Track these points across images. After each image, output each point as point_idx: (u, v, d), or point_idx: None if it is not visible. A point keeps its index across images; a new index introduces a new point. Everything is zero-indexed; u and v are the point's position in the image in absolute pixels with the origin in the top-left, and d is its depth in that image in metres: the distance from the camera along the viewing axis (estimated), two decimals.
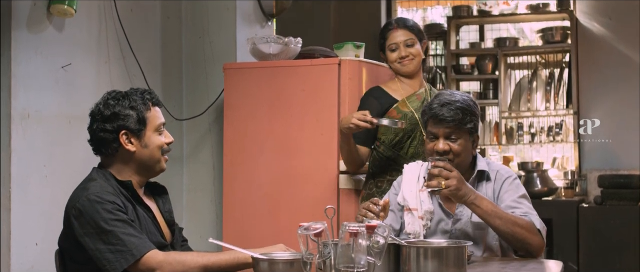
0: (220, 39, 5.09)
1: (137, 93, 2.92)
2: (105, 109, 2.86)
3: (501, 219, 3.02)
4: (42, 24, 4.01)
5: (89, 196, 2.72)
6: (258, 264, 2.54)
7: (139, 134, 2.87)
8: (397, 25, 4.10)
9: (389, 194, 3.40)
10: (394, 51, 4.08)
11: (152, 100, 2.93)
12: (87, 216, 2.69)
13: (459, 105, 3.15)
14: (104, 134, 2.86)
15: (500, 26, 7.71)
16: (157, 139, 2.91)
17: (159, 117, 2.95)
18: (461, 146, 3.17)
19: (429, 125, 3.22)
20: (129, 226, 2.70)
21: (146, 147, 2.89)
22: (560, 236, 6.30)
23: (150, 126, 2.89)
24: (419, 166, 3.34)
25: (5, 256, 3.81)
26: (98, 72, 4.41)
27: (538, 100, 7.15)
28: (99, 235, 2.67)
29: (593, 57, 7.03)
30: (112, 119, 2.85)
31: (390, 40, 4.08)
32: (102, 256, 2.66)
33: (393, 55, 4.09)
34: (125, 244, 2.66)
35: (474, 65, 7.45)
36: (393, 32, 4.09)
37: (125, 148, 2.86)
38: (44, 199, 3.98)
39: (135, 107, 2.86)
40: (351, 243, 2.31)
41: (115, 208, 2.71)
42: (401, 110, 4.04)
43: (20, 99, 3.86)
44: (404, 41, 4.06)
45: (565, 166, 7.06)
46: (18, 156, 3.84)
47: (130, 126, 2.85)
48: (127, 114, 2.85)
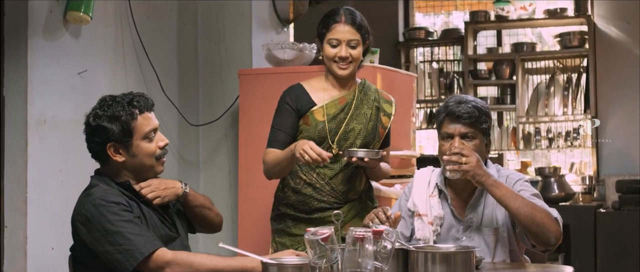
0: (235, 45, 5.12)
1: (125, 101, 2.87)
2: (92, 120, 2.87)
3: (520, 202, 2.98)
4: (59, 31, 4.06)
5: (93, 201, 2.75)
6: (267, 269, 2.56)
7: (126, 145, 2.86)
8: (345, 18, 3.51)
9: (400, 200, 3.40)
10: (334, 47, 3.51)
11: (140, 106, 2.88)
12: (94, 220, 2.72)
13: (475, 104, 3.15)
14: (93, 146, 2.89)
15: (518, 31, 7.70)
16: (146, 148, 2.89)
17: (148, 124, 2.90)
18: (476, 146, 3.13)
19: (444, 125, 3.18)
20: (135, 225, 2.73)
21: (135, 157, 2.88)
22: (577, 241, 6.29)
23: (137, 135, 2.86)
24: (429, 172, 3.35)
25: (21, 260, 3.86)
26: (114, 79, 4.45)
27: (556, 106, 7.13)
28: (106, 237, 2.70)
29: (611, 61, 7.01)
30: (97, 131, 2.85)
31: (333, 34, 3.50)
32: (112, 258, 2.69)
33: (331, 52, 3.52)
34: (132, 243, 2.68)
35: (491, 70, 7.45)
36: (338, 26, 3.50)
37: (114, 159, 2.87)
38: (60, 204, 4.02)
39: (119, 117, 2.84)
40: (358, 248, 2.33)
41: (120, 209, 2.74)
42: (314, 119, 3.55)
43: (37, 105, 3.91)
44: (348, 41, 3.50)
45: (583, 171, 7.04)
46: (34, 162, 3.89)
47: (116, 138, 2.84)
48: (111, 127, 2.83)
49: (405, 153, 4.85)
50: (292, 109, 3.56)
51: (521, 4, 7.30)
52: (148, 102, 2.93)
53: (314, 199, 3.55)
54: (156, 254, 2.70)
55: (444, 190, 3.25)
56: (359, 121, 3.58)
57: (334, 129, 3.52)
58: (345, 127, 3.55)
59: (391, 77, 4.77)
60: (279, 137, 3.55)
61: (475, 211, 3.20)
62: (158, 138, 2.93)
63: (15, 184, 3.88)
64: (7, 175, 3.88)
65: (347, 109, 3.57)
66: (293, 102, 3.57)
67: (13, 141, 3.88)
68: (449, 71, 7.79)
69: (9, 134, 3.89)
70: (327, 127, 3.52)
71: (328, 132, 3.52)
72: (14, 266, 3.87)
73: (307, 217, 3.57)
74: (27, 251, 3.86)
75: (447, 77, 7.70)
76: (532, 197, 3.10)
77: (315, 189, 3.55)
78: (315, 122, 3.54)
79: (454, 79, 7.69)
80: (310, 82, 3.65)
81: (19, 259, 3.86)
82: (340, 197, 3.56)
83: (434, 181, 3.29)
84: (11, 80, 3.88)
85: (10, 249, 3.87)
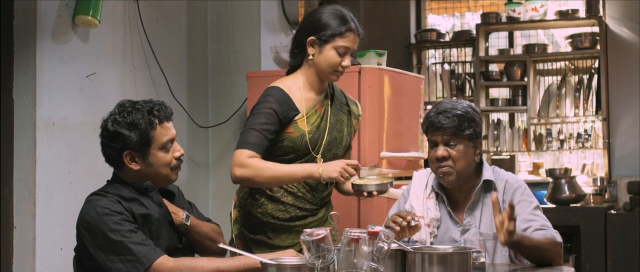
0: (245, 47, 5.17)
1: (145, 109, 2.85)
2: (111, 125, 2.86)
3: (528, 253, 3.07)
4: (67, 35, 4.11)
5: (96, 209, 2.77)
6: (267, 269, 2.60)
7: (143, 154, 2.85)
8: (356, 29, 3.32)
9: (399, 201, 3.43)
10: (340, 55, 3.28)
11: (160, 116, 2.87)
12: (96, 228, 2.74)
13: (457, 113, 3.15)
14: (109, 151, 2.89)
15: (530, 32, 7.69)
16: (162, 158, 2.88)
17: (167, 134, 2.89)
18: (460, 151, 3.16)
19: (428, 133, 3.23)
20: (137, 234, 2.74)
21: (151, 166, 2.87)
22: (588, 243, 6.28)
23: (155, 145, 2.86)
24: (427, 174, 3.38)
25: (30, 261, 3.91)
26: (123, 81, 4.50)
27: (567, 107, 7.12)
28: (109, 246, 2.71)
29: (622, 62, 6.98)
30: (115, 137, 2.84)
31: (346, 42, 3.27)
32: (114, 266, 2.71)
33: (337, 60, 3.28)
34: (134, 253, 2.70)
35: (502, 71, 7.44)
36: (352, 35, 3.30)
37: (129, 167, 2.87)
38: (68, 206, 4.07)
39: (138, 126, 2.82)
40: (353, 249, 2.36)
41: (123, 219, 2.75)
42: (299, 129, 3.30)
43: (45, 108, 3.96)
44: (353, 50, 3.33)
45: (594, 173, 7.02)
46: (43, 164, 3.94)
47: (133, 147, 2.83)
48: (130, 134, 2.82)
49: (413, 155, 4.87)
50: (277, 115, 3.25)
51: (532, 5, 7.29)
52: (167, 111, 2.91)
53: (295, 207, 3.36)
54: (157, 262, 2.72)
55: (440, 192, 3.28)
56: (338, 129, 3.43)
57: (318, 139, 3.34)
58: (328, 136, 3.37)
59: (399, 79, 4.79)
60: (260, 140, 3.20)
61: (473, 214, 3.23)
62: (175, 148, 2.93)
63: (24, 186, 3.93)
64: (17, 177, 3.94)
65: (325, 116, 3.39)
66: (279, 109, 3.26)
67: (22, 143, 3.94)
68: (460, 73, 7.79)
69: (18, 136, 3.95)
70: (312, 138, 3.32)
71: (313, 144, 3.32)
72: (23, 267, 3.92)
73: (289, 225, 3.35)
74: (36, 252, 3.92)
75: (458, 79, 7.70)
76: (533, 213, 3.16)
77: (297, 197, 3.36)
78: (300, 133, 3.30)
79: (466, 80, 7.69)
80: (287, 84, 3.35)
81: (28, 260, 3.92)
82: (318, 203, 3.43)
83: (431, 183, 3.32)
84: (20, 83, 3.94)
85: (20, 249, 3.93)
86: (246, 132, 3.21)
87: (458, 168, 3.16)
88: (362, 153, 4.48)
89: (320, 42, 3.29)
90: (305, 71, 3.36)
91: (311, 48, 3.31)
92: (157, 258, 2.72)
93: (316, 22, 3.31)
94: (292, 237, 3.32)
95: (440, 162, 3.16)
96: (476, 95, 7.34)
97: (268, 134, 3.21)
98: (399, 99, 4.75)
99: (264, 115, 3.23)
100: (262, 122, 3.21)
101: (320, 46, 3.30)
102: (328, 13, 3.31)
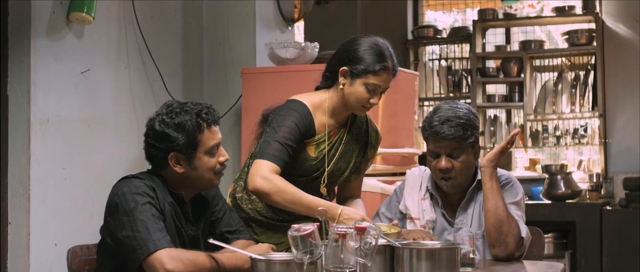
0: (240, 44, 5.18)
1: (193, 112, 2.81)
2: (158, 125, 2.81)
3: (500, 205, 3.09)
4: (62, 31, 4.12)
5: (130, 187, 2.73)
6: (256, 265, 2.62)
7: (189, 157, 2.81)
8: (392, 70, 3.18)
9: (391, 200, 3.43)
10: (369, 92, 3.13)
11: (208, 120, 2.83)
12: (125, 204, 2.70)
13: (460, 122, 3.12)
14: (154, 151, 2.84)
15: (527, 29, 7.71)
16: (207, 162, 2.84)
17: (214, 138, 2.85)
18: (463, 162, 3.16)
19: (429, 143, 3.19)
20: (159, 222, 2.71)
21: (195, 170, 2.83)
22: (583, 239, 6.30)
23: (201, 149, 2.82)
24: (421, 172, 3.38)
25: (24, 256, 3.92)
26: (118, 78, 4.51)
27: (563, 103, 7.14)
28: (130, 222, 2.67)
29: (619, 59, 7.00)
30: (162, 138, 2.80)
31: (378, 80, 3.13)
32: (129, 243, 2.66)
33: (365, 96, 3.14)
34: (151, 235, 2.65)
35: (499, 68, 7.46)
36: (384, 74, 3.14)
37: (173, 169, 2.83)
38: (63, 202, 4.09)
39: (187, 129, 2.78)
40: (340, 244, 2.37)
41: (153, 204, 2.72)
42: (306, 153, 3.21)
43: (40, 105, 3.97)
44: (384, 89, 3.19)
45: (591, 169, 7.04)
46: (37, 160, 3.96)
47: (180, 149, 2.79)
48: (178, 136, 2.78)
49: (407, 151, 4.89)
50: (300, 134, 3.15)
51: (529, 2, 7.31)
52: (215, 115, 2.87)
53: (285, 213, 3.25)
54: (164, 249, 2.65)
55: (435, 193, 3.30)
56: (345, 159, 3.31)
57: (320, 168, 3.24)
58: (333, 166, 3.27)
59: None
60: (283, 154, 3.08)
61: (466, 212, 3.25)
62: (220, 153, 2.89)
63: (18, 182, 3.94)
64: (11, 173, 3.95)
65: (337, 145, 3.27)
66: (303, 128, 3.16)
67: (16, 139, 3.95)
68: (457, 69, 7.81)
69: (13, 132, 3.96)
70: (314, 165, 3.23)
71: (312, 171, 3.23)
72: (17, 262, 3.94)
73: (277, 224, 3.28)
74: (30, 247, 3.93)
75: (455, 75, 7.72)
76: (509, 206, 3.15)
77: None
78: (306, 157, 3.21)
79: (462, 76, 7.71)
80: (313, 101, 3.23)
81: (22, 256, 3.93)
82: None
83: (426, 184, 3.33)
84: (14, 79, 3.95)
85: (14, 245, 3.94)
86: (270, 144, 3.09)
87: (461, 178, 3.19)
88: None
89: (352, 75, 3.15)
90: (333, 96, 3.22)
91: (343, 78, 3.17)
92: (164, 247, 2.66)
93: (352, 53, 3.17)
94: (278, 235, 3.25)
95: (444, 174, 3.16)
96: (473, 91, 7.36)
97: (290, 149, 3.11)
98: (393, 96, 4.76)
99: (288, 129, 3.11)
100: (286, 137, 3.10)
101: (351, 78, 3.15)
102: (366, 46, 3.16)
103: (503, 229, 3.06)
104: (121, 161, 4.50)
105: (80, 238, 3.55)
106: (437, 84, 7.85)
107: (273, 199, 3.06)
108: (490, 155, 3.14)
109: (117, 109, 4.50)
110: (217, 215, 3.06)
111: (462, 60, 7.89)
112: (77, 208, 4.19)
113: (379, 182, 4.55)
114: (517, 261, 3.14)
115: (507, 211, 3.08)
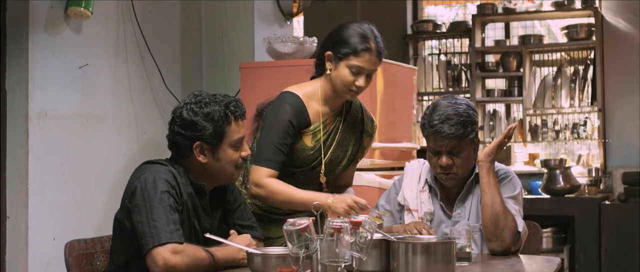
0: (238, 39, 5.19)
1: (222, 104, 2.82)
2: (186, 113, 2.81)
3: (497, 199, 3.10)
4: (60, 26, 4.13)
5: (154, 173, 2.73)
6: (252, 259, 2.63)
7: (213, 148, 2.82)
8: (374, 48, 3.18)
9: (390, 192, 3.44)
10: (354, 75, 3.15)
11: (236, 113, 2.84)
12: (144, 189, 2.70)
13: (460, 120, 3.11)
14: (179, 138, 2.83)
15: (526, 23, 7.70)
16: (231, 155, 2.86)
17: (239, 132, 2.86)
18: (464, 158, 3.17)
19: (430, 141, 3.18)
20: (175, 213, 2.70)
21: (218, 161, 2.85)
22: (582, 233, 6.30)
23: (227, 141, 2.83)
24: (420, 165, 3.39)
25: (23, 250, 3.94)
26: (116, 73, 4.52)
27: (563, 98, 7.14)
28: (146, 209, 2.67)
29: (618, 54, 7.00)
30: (189, 126, 2.80)
31: (361, 62, 3.14)
32: (142, 229, 2.66)
33: (350, 79, 3.15)
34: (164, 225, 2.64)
35: (499, 62, 7.46)
36: (368, 56, 3.16)
37: (197, 159, 2.83)
38: (61, 196, 4.11)
39: (215, 119, 2.79)
40: (335, 238, 2.38)
41: (173, 193, 2.72)
42: (303, 143, 3.23)
43: (38, 99, 3.98)
44: (369, 71, 3.19)
45: (590, 163, 7.04)
46: (35, 154, 3.97)
47: (206, 139, 2.80)
48: (205, 125, 2.79)
49: (405, 145, 4.90)
50: (294, 129, 3.18)
51: None
52: (242, 110, 2.89)
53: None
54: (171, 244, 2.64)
55: (433, 186, 3.30)
56: (343, 148, 3.34)
57: (318, 157, 3.26)
58: (331, 155, 3.29)
59: (391, 70, 4.81)
60: (277, 156, 3.15)
61: (464, 205, 3.25)
62: (243, 147, 2.91)
63: (16, 176, 3.96)
64: (9, 167, 3.96)
65: (333, 134, 3.30)
66: (296, 121, 3.19)
67: (14, 134, 3.96)
68: (456, 64, 7.81)
69: (11, 127, 3.97)
70: (312, 155, 3.25)
71: (310, 160, 3.25)
72: (15, 256, 3.95)
73: (278, 218, 3.25)
74: (28, 242, 3.94)
75: (454, 70, 7.72)
76: (506, 200, 3.16)
77: None
78: (303, 148, 3.23)
79: (462, 71, 7.71)
80: (306, 92, 3.26)
81: (20, 250, 3.95)
82: None
83: (424, 177, 3.34)
84: (13, 74, 3.96)
85: (12, 239, 3.96)
86: (264, 147, 3.15)
87: (461, 173, 3.20)
88: None
89: (336, 59, 3.19)
90: (324, 83, 3.25)
91: (329, 63, 3.21)
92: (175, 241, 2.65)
93: (336, 36, 3.21)
94: (279, 229, 3.18)
95: (445, 170, 3.17)
96: (472, 86, 7.36)
97: (285, 148, 3.15)
98: (391, 90, 4.77)
99: (281, 129, 3.15)
100: (280, 135, 3.14)
101: (336, 62, 3.19)
102: (351, 29, 3.19)
103: (499, 224, 3.07)
104: (120, 155, 4.51)
105: (78, 232, 3.57)
106: (436, 79, 7.84)
107: (270, 202, 3.19)
108: (487, 149, 3.16)
109: (116, 103, 4.51)
110: (232, 205, 3.07)
111: (461, 55, 7.88)
112: (76, 203, 4.20)
113: (377, 176, 4.55)
114: (513, 255, 3.15)
115: (503, 206, 3.09)
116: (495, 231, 3.08)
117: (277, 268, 2.53)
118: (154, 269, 2.63)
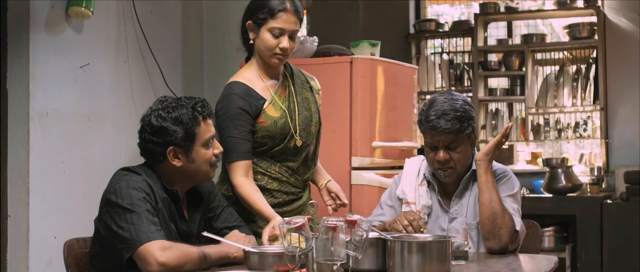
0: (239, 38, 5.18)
1: (189, 106, 2.85)
2: (155, 120, 2.84)
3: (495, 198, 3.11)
4: (61, 26, 4.15)
5: (127, 181, 2.76)
6: (248, 257, 2.64)
7: (186, 150, 2.85)
8: (290, 7, 3.24)
9: (391, 187, 3.46)
10: (276, 37, 3.22)
11: (203, 113, 2.87)
12: (120, 196, 2.72)
13: (456, 115, 3.13)
14: (151, 146, 2.86)
15: (529, 22, 7.70)
16: (204, 154, 2.89)
17: (209, 131, 2.89)
18: (461, 153, 3.19)
19: (426, 136, 3.20)
20: (153, 216, 2.72)
21: (193, 162, 2.87)
22: (584, 232, 6.30)
23: (198, 141, 2.86)
24: (420, 161, 3.41)
25: (23, 249, 3.96)
26: (117, 72, 4.54)
27: (565, 97, 7.13)
28: (124, 214, 2.69)
29: (620, 53, 6.98)
30: (160, 133, 2.82)
31: (279, 23, 3.22)
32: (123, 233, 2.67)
33: (273, 42, 3.22)
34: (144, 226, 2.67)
35: (501, 61, 7.45)
36: (285, 15, 3.22)
37: (172, 163, 2.86)
38: (62, 194, 4.12)
39: (184, 122, 2.82)
40: (330, 237, 2.38)
41: (148, 198, 2.74)
42: (269, 116, 3.29)
43: (39, 99, 4.00)
44: (291, 31, 3.25)
45: (592, 162, 7.04)
46: (36, 153, 3.99)
47: (178, 143, 2.82)
48: (176, 130, 2.81)
49: (406, 144, 4.90)
50: (246, 112, 3.23)
51: None
52: (209, 109, 2.93)
53: (281, 192, 3.37)
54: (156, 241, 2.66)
55: (431, 181, 3.32)
56: (306, 107, 3.41)
57: (292, 122, 3.33)
58: (300, 115, 3.36)
59: (392, 69, 4.82)
60: (245, 147, 3.23)
61: (461, 201, 3.26)
62: (214, 145, 2.94)
63: (17, 175, 3.98)
64: (10, 166, 3.98)
65: (291, 97, 3.37)
66: (247, 104, 3.24)
67: (16, 133, 3.98)
68: (459, 63, 7.81)
69: (12, 126, 3.99)
70: (285, 122, 3.30)
71: (286, 127, 3.30)
72: (16, 255, 3.97)
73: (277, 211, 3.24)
74: (29, 240, 3.97)
75: (457, 69, 7.72)
76: (505, 199, 3.18)
77: (281, 182, 3.37)
78: (272, 120, 3.29)
79: (464, 70, 7.71)
80: (245, 76, 3.34)
81: (21, 248, 3.97)
82: (301, 185, 3.44)
83: (423, 171, 3.36)
84: (14, 74, 3.98)
85: (13, 238, 3.98)
86: (226, 143, 3.20)
87: (459, 168, 3.21)
88: (354, 143, 4.51)
89: (256, 26, 3.27)
90: (258, 59, 3.35)
91: (251, 33, 3.31)
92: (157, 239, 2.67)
93: (253, 5, 3.30)
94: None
95: (442, 165, 3.18)
96: (475, 85, 7.36)
97: (248, 135, 3.22)
98: (392, 89, 4.77)
99: (235, 120, 3.22)
100: (235, 126, 3.21)
101: (257, 30, 3.27)
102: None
103: (497, 222, 3.08)
104: (120, 154, 4.53)
105: (79, 231, 3.57)
106: (439, 78, 7.84)
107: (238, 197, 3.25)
108: (485, 148, 3.18)
109: (117, 103, 4.53)
110: (214, 212, 3.09)
111: (464, 54, 7.88)
112: (76, 201, 4.22)
113: (377, 175, 4.56)
114: (511, 254, 3.16)
115: (501, 204, 3.10)
116: (492, 230, 3.09)
117: (273, 266, 2.54)
118: (145, 268, 2.64)
